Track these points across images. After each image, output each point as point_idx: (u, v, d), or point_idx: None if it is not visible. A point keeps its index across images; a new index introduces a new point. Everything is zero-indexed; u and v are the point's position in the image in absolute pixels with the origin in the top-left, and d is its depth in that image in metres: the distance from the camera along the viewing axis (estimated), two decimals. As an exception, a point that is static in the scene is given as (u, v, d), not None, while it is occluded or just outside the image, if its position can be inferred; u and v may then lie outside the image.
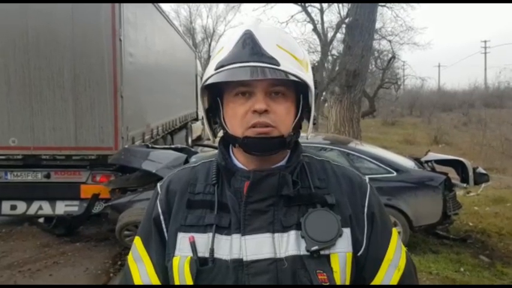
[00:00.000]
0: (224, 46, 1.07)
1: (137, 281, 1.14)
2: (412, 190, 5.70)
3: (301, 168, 1.14)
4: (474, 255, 5.64)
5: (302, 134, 1.16)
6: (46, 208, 5.91)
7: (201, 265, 1.03)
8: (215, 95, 1.13)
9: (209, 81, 1.05)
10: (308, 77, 1.07)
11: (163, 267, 1.12)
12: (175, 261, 1.07)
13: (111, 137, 5.75)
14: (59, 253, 5.67)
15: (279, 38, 1.07)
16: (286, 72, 1.02)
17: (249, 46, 1.03)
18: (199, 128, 15.79)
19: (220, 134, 1.18)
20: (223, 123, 1.11)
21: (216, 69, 1.04)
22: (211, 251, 1.04)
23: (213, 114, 1.15)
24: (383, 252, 1.12)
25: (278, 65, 1.01)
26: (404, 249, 1.18)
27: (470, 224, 6.95)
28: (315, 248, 1.02)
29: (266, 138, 1.04)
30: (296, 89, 1.09)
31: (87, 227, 6.65)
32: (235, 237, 1.05)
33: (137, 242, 1.18)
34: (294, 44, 1.10)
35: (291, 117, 1.09)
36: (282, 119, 1.06)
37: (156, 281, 1.12)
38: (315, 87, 1.09)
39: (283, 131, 1.06)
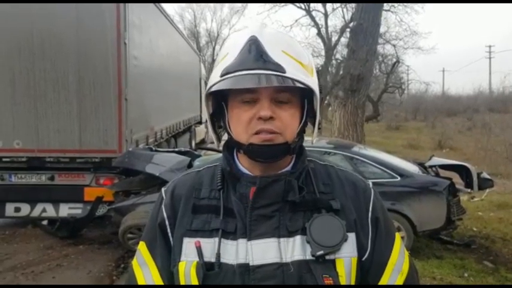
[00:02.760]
0: (229, 52, 1.06)
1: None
2: (416, 195, 5.68)
3: (306, 173, 1.13)
4: (478, 261, 5.61)
5: (307, 139, 1.15)
6: (50, 210, 5.92)
7: (207, 270, 1.03)
8: (220, 99, 1.13)
9: (214, 88, 1.05)
10: (313, 82, 1.07)
11: (168, 272, 1.11)
12: (181, 266, 1.07)
13: (115, 140, 5.76)
14: (62, 255, 5.68)
15: (285, 43, 1.07)
16: (292, 79, 1.01)
17: (254, 52, 1.02)
18: (202, 131, 15.81)
19: (225, 137, 1.17)
20: (228, 128, 1.11)
21: (221, 76, 1.03)
22: (218, 255, 1.04)
23: (218, 119, 1.15)
24: (387, 256, 1.13)
25: (284, 72, 1.01)
26: (407, 253, 1.18)
27: (475, 229, 6.92)
28: (320, 252, 1.02)
29: (270, 145, 1.04)
30: (301, 94, 1.09)
31: (91, 230, 6.67)
32: (241, 242, 1.05)
33: (142, 247, 1.17)
34: (299, 48, 1.10)
35: (295, 123, 1.08)
36: (287, 125, 1.05)
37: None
38: (320, 92, 1.09)
39: (288, 137, 1.06)
